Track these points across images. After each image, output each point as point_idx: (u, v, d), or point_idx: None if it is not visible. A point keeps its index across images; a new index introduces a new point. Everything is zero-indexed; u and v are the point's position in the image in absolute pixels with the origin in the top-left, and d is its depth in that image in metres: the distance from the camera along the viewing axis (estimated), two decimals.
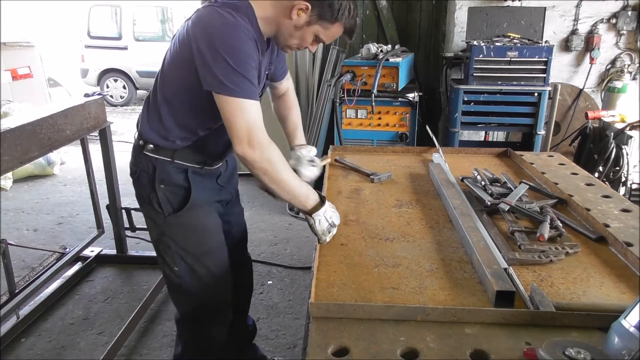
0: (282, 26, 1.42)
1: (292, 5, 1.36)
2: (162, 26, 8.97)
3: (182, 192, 1.54)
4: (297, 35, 1.43)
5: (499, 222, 1.54)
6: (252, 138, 1.32)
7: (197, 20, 1.37)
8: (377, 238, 1.45)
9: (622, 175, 3.13)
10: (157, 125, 1.51)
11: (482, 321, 1.02)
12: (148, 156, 1.52)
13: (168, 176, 1.53)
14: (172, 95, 1.48)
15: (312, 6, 1.36)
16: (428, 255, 1.34)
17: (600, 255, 1.35)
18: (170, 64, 1.47)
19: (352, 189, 1.86)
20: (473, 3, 4.05)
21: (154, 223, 1.59)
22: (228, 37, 1.30)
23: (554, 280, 1.21)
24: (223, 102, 1.31)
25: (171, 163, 1.52)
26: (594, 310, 1.04)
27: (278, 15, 1.40)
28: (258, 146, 1.33)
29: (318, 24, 1.40)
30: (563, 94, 3.97)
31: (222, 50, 1.28)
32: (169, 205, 1.54)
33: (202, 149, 1.55)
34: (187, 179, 1.54)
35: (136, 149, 1.57)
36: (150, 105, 1.54)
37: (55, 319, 2.56)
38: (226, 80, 1.29)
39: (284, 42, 1.47)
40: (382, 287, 1.18)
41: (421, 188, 1.87)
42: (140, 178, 1.57)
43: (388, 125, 3.64)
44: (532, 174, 2.00)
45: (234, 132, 1.32)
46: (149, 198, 1.55)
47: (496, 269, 1.17)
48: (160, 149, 1.52)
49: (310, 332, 1.00)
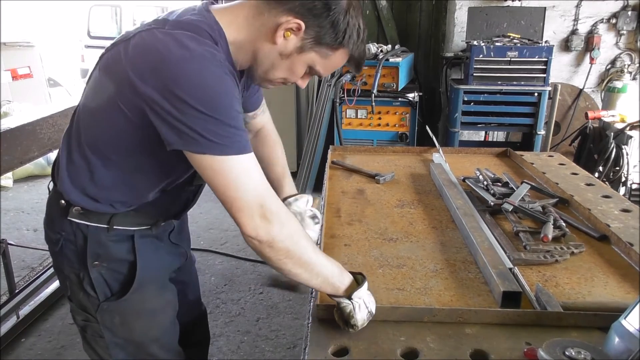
0: (260, 53, 1.02)
1: (276, 25, 0.97)
2: None
3: (124, 269, 1.15)
4: (282, 66, 1.03)
5: (502, 222, 1.54)
6: (266, 209, 0.94)
7: (140, 52, 0.94)
8: (381, 238, 1.44)
9: (622, 175, 3.13)
10: (84, 183, 1.08)
11: (488, 322, 1.02)
12: (75, 223, 1.11)
13: (105, 249, 1.12)
14: (105, 147, 1.05)
15: (307, 25, 0.96)
16: (432, 255, 1.34)
17: (604, 254, 1.35)
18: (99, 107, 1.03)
19: (354, 189, 1.86)
20: (473, 3, 4.05)
21: (80, 306, 1.18)
22: (196, 77, 0.89)
23: (558, 280, 1.21)
24: (210, 165, 0.93)
25: (108, 231, 1.11)
26: (600, 310, 1.04)
27: (256, 39, 1.01)
28: (275, 219, 0.95)
29: (314, 50, 1.01)
30: (563, 94, 3.97)
31: (190, 97, 0.88)
32: (106, 288, 1.14)
33: (151, 211, 1.16)
34: (132, 250, 1.14)
35: (55, 210, 1.14)
36: (72, 153, 1.08)
37: (55, 319, 2.56)
38: (209, 135, 0.91)
39: (263, 75, 1.06)
40: (387, 288, 1.17)
41: (422, 188, 1.87)
42: (63, 250, 1.14)
43: (388, 125, 3.64)
44: (532, 173, 2.00)
45: (239, 206, 0.94)
46: (78, 277, 1.14)
47: (502, 269, 1.17)
48: (91, 213, 1.10)
49: (310, 332, 1.00)
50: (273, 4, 0.97)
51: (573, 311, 1.04)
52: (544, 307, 1.05)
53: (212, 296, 2.76)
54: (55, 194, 1.15)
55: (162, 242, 1.24)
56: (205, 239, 3.48)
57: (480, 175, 1.84)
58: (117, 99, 0.97)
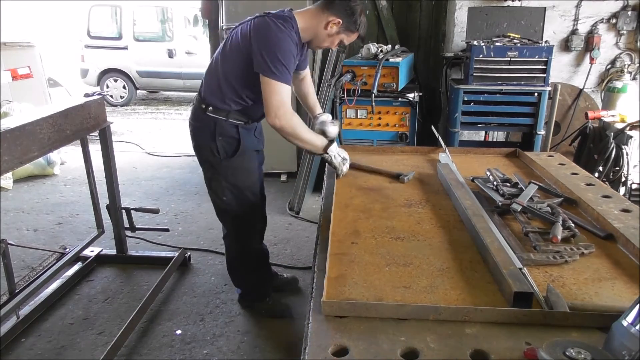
0: (318, 34, 2.02)
1: (328, 21, 1.98)
2: (162, 26, 8.96)
3: (234, 142, 2.12)
4: (328, 41, 2.05)
5: (510, 222, 1.54)
6: (280, 112, 1.88)
7: (258, 27, 1.91)
8: (388, 237, 1.45)
9: (622, 175, 3.13)
10: (217, 93, 2.06)
11: (494, 321, 1.02)
12: (209, 116, 2.07)
13: (224, 130, 2.09)
14: (230, 72, 2.02)
15: (342, 22, 1.98)
16: (439, 254, 1.35)
17: (611, 255, 1.35)
18: (231, 49, 2.02)
19: (363, 188, 1.88)
20: (473, 3, 4.05)
21: (210, 165, 2.17)
22: (279, 40, 1.88)
23: (565, 280, 1.21)
24: (265, 83, 1.87)
25: (226, 121, 2.08)
26: (607, 311, 1.04)
27: (315, 27, 2.00)
28: (284, 117, 1.90)
29: (344, 33, 2.02)
30: (563, 94, 3.97)
31: (274, 47, 1.86)
32: (224, 151, 2.11)
33: (247, 113, 2.11)
34: (238, 132, 2.11)
35: (198, 110, 2.12)
36: (212, 77, 2.08)
37: (55, 319, 2.56)
38: (272, 67, 1.85)
39: (317, 44, 2.08)
40: (393, 286, 1.18)
41: (430, 188, 1.88)
42: (201, 131, 2.12)
43: (388, 125, 3.64)
44: (541, 174, 2.00)
45: (268, 106, 1.89)
46: (209, 147, 2.11)
47: (512, 269, 1.17)
48: (218, 110, 2.06)
49: (310, 332, 1.01)
50: (325, 11, 1.98)
51: (579, 311, 1.04)
52: (551, 307, 1.05)
53: (212, 296, 2.76)
54: (198, 100, 2.13)
55: (251, 132, 2.20)
56: (205, 239, 3.48)
57: (491, 175, 1.84)
58: (244, 47, 1.94)
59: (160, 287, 2.73)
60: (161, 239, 3.40)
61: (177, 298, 2.75)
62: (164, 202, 4.20)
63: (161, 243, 3.37)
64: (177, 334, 2.44)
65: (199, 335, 2.42)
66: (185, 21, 8.99)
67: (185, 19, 8.98)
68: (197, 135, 2.16)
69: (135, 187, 4.57)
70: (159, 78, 8.92)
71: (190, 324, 2.52)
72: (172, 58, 8.75)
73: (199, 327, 2.49)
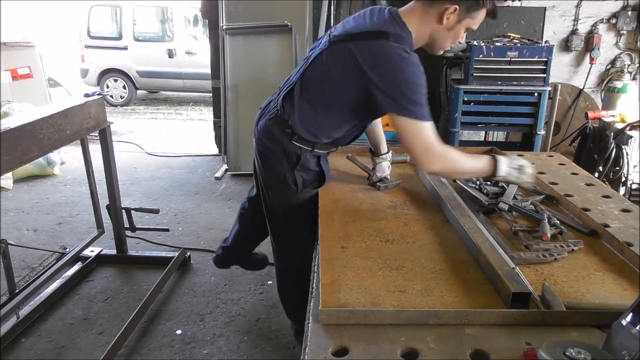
0: (435, 33, 1.57)
1: (441, 13, 1.51)
2: (162, 26, 8.95)
3: (314, 174, 1.83)
4: (450, 36, 1.58)
5: (496, 221, 1.54)
6: (430, 154, 1.52)
7: (372, 53, 1.52)
8: (377, 240, 1.44)
9: (622, 175, 3.13)
10: (310, 125, 1.71)
11: (493, 323, 1.02)
12: (295, 145, 1.75)
13: (306, 162, 1.79)
14: (330, 104, 1.67)
15: (460, 5, 1.49)
16: (430, 256, 1.34)
17: (597, 251, 1.35)
18: (330, 77, 1.62)
19: (347, 191, 1.87)
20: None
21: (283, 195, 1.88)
22: (408, 74, 1.50)
23: (556, 278, 1.22)
24: (403, 124, 1.52)
25: (311, 151, 1.77)
26: (601, 308, 1.05)
27: (429, 26, 1.56)
28: (437, 159, 1.53)
29: (468, 17, 1.53)
30: (563, 94, 3.97)
31: (403, 85, 1.49)
32: (302, 182, 1.82)
33: (337, 142, 1.84)
34: (318, 164, 1.82)
35: (280, 134, 1.76)
36: (301, 103, 1.70)
37: (55, 319, 2.56)
38: (407, 104, 1.49)
39: (440, 46, 1.63)
40: (388, 291, 1.16)
41: (412, 189, 1.88)
42: (279, 157, 1.79)
43: (388, 125, 3.63)
44: None
45: (413, 153, 1.55)
46: (285, 176, 1.80)
47: (507, 270, 1.16)
48: (305, 141, 1.74)
49: (310, 333, 1.00)
50: (433, 2, 1.51)
51: (576, 310, 1.05)
52: (548, 306, 1.06)
53: (212, 296, 2.76)
54: (280, 121, 1.74)
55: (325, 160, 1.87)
56: (205, 239, 3.48)
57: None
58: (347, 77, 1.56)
59: (160, 287, 2.73)
60: (161, 239, 3.40)
61: (177, 298, 2.75)
62: (164, 202, 4.20)
63: (161, 243, 3.37)
64: (177, 334, 2.44)
65: (199, 335, 2.42)
66: (185, 21, 8.98)
67: (185, 19, 8.98)
68: (272, 159, 1.82)
69: (135, 187, 4.57)
70: (159, 78, 8.92)
71: (190, 324, 2.52)
72: (172, 58, 8.74)
73: (199, 327, 2.49)
